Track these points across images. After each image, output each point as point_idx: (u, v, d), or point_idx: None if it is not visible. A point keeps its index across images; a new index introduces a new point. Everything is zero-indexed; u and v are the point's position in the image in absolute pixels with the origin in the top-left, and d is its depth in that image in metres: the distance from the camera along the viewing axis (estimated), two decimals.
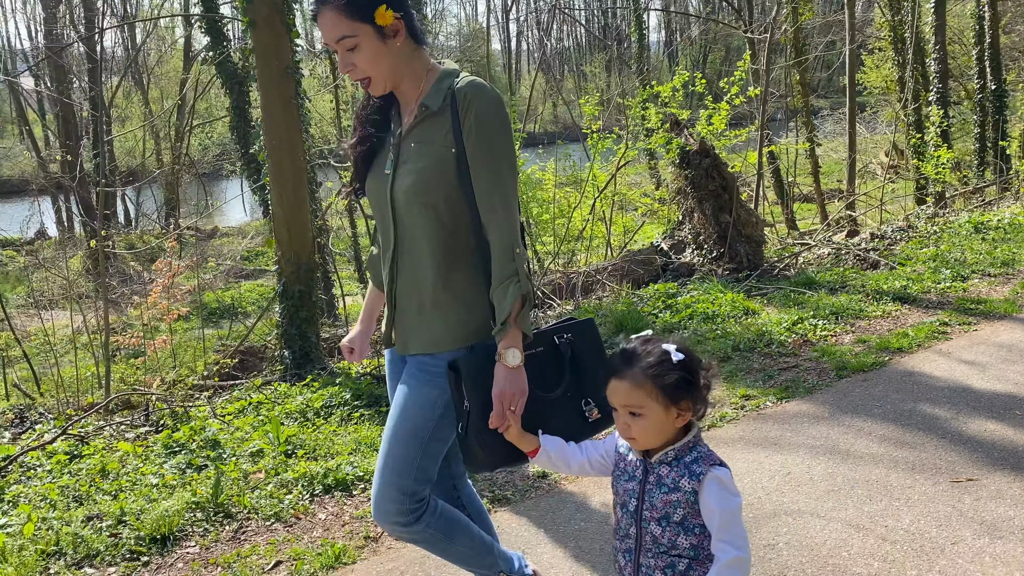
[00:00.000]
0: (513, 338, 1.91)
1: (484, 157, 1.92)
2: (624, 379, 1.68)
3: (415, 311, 2.04)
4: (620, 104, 15.90)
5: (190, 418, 4.88)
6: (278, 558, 3.17)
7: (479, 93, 1.92)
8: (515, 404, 1.91)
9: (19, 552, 3.27)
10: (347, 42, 1.92)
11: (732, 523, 1.63)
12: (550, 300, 7.50)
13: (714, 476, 1.65)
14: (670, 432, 1.69)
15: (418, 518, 2.07)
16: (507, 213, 1.94)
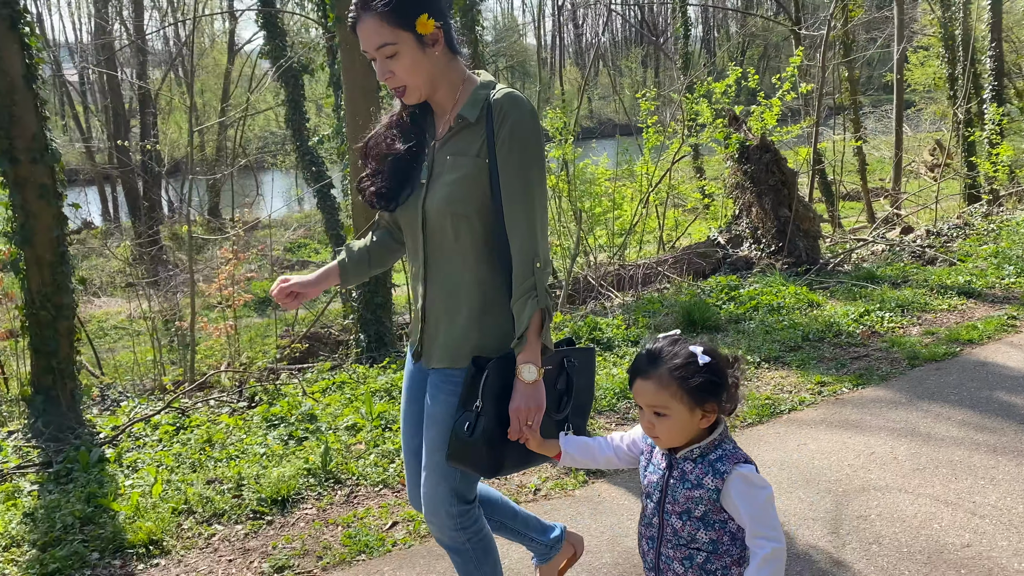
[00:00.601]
0: (531, 353, 1.90)
1: (514, 170, 1.91)
2: (649, 379, 1.68)
3: (443, 323, 2.04)
4: (669, 99, 15.94)
5: (283, 395, 5.14)
6: (393, 519, 3.41)
7: (515, 106, 1.92)
8: (531, 419, 1.92)
9: (153, 509, 3.54)
10: (387, 49, 1.89)
11: (764, 515, 1.64)
12: (607, 292, 7.69)
13: (738, 474, 1.65)
14: (694, 432, 1.69)
15: (464, 527, 2.10)
16: (530, 226, 1.92)
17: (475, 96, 1.97)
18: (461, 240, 1.97)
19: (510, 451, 1.98)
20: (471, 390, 1.96)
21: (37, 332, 4.97)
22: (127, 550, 3.28)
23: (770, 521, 1.64)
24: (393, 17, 1.86)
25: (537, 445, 1.95)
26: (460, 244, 1.97)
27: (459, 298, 2.00)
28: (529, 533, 2.40)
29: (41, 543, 3.35)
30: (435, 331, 2.06)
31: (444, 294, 2.02)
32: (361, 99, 5.85)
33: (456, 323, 2.01)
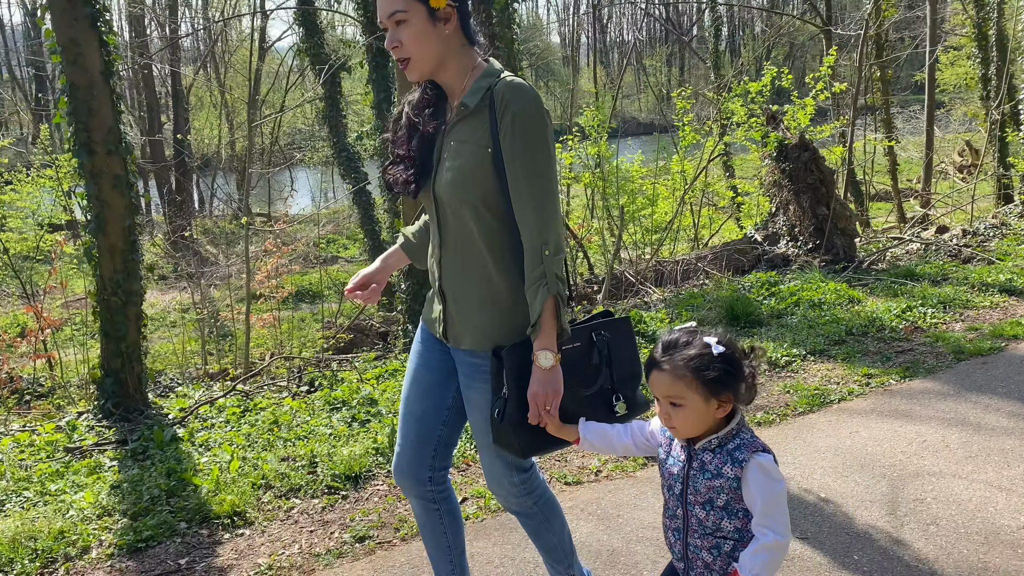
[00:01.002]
0: (546, 339, 1.91)
1: (519, 157, 1.91)
2: (665, 371, 1.69)
3: (463, 305, 2.06)
4: (703, 98, 16.01)
5: (341, 380, 5.33)
6: (462, 495, 3.57)
7: (516, 93, 1.91)
8: (550, 404, 1.94)
9: (233, 483, 3.72)
10: (398, 16, 1.92)
11: (775, 508, 1.65)
12: (646, 288, 7.81)
13: (756, 463, 1.66)
14: (710, 422, 1.70)
15: (529, 492, 2.19)
16: (538, 213, 1.92)
17: (478, 84, 1.97)
18: (471, 225, 1.99)
19: (542, 434, 2.00)
20: (497, 380, 2.01)
21: (108, 317, 5.18)
22: (213, 520, 3.47)
23: (778, 514, 1.65)
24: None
25: (556, 429, 1.97)
26: (471, 229, 1.99)
27: (473, 282, 2.03)
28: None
29: (131, 513, 3.55)
30: (456, 312, 2.07)
31: (458, 276, 2.05)
32: None
33: (473, 306, 2.04)
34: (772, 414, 4.23)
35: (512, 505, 2.24)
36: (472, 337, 2.05)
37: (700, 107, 18.87)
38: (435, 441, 2.25)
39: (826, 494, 3.33)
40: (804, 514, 3.18)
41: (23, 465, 4.24)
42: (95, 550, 3.30)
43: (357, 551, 3.17)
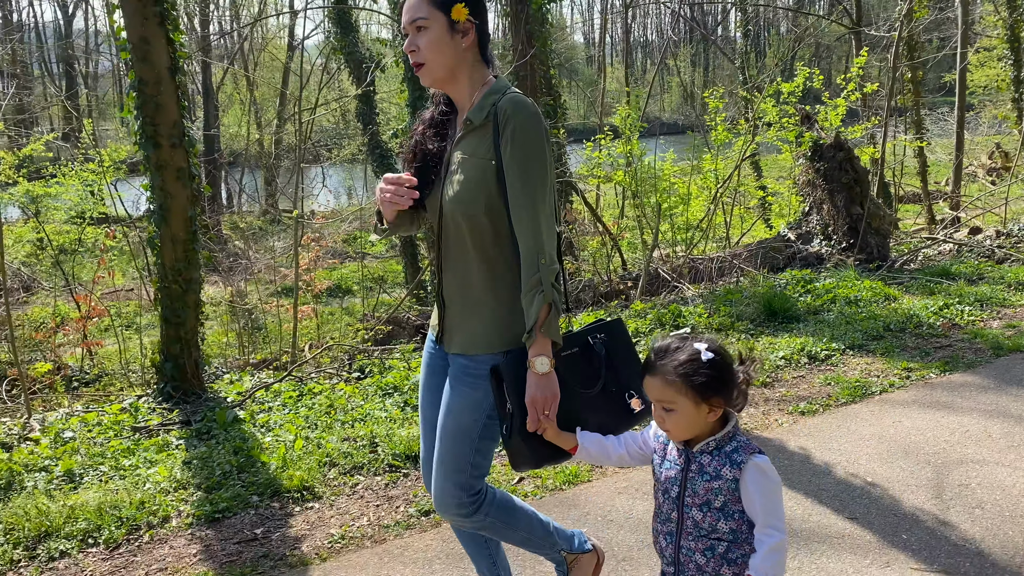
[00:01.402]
0: (541, 346, 1.97)
1: (518, 170, 1.99)
2: (656, 376, 1.75)
3: (458, 310, 2.13)
4: (733, 97, 16.08)
5: (390, 368, 5.51)
6: (519, 475, 3.73)
7: (518, 109, 2.00)
8: (548, 408, 1.98)
9: (300, 461, 3.91)
10: (420, 23, 2.03)
11: (775, 507, 1.71)
12: (681, 284, 7.94)
13: (754, 464, 1.71)
14: (703, 426, 1.75)
15: (477, 509, 2.17)
16: (534, 224, 1.98)
17: (484, 100, 2.06)
18: (471, 236, 2.06)
19: (545, 444, 2.04)
20: (499, 397, 2.05)
21: (168, 304, 5.39)
22: (283, 494, 3.66)
23: (779, 512, 1.72)
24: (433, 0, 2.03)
25: (554, 435, 2.01)
26: (471, 240, 2.06)
27: (471, 289, 2.10)
28: (501, 573, 2.44)
29: (205, 486, 3.75)
30: (452, 317, 2.15)
31: (457, 284, 2.12)
32: None
33: (469, 313, 2.11)
34: (815, 404, 4.36)
35: (466, 525, 2.23)
36: (463, 341, 2.11)
37: (728, 107, 18.94)
38: None
39: (872, 478, 3.46)
40: (852, 496, 3.31)
41: (95, 443, 4.45)
42: (175, 519, 3.50)
43: (424, 523, 3.34)
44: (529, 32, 9.35)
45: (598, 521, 3.24)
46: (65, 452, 4.24)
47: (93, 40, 44.76)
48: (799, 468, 3.59)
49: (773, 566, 1.70)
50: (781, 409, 4.35)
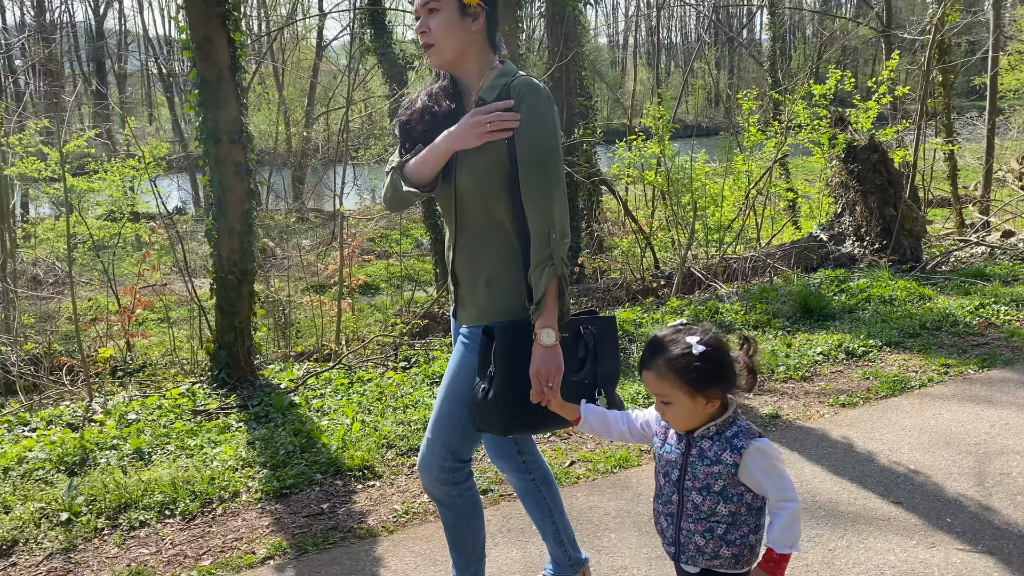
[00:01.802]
0: (548, 318, 2.02)
1: (530, 150, 2.04)
2: (652, 370, 1.77)
3: (471, 287, 2.19)
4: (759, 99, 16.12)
5: (435, 358, 5.68)
6: (570, 459, 3.88)
7: (530, 91, 2.06)
8: (552, 380, 2.02)
9: (359, 442, 4.08)
10: (432, 4, 2.09)
11: (782, 480, 1.75)
12: (714, 283, 8.05)
13: (755, 448, 1.75)
14: (702, 416, 1.77)
15: (454, 482, 2.24)
16: (547, 201, 2.04)
17: (495, 82, 2.11)
18: (485, 213, 2.12)
19: (526, 413, 2.07)
20: (484, 357, 2.10)
21: (223, 294, 5.59)
22: (345, 473, 3.83)
23: (788, 484, 1.75)
24: None
25: (558, 407, 2.04)
26: (485, 217, 2.12)
27: (482, 265, 2.15)
28: (565, 539, 2.54)
29: (270, 464, 3.93)
30: (464, 292, 2.22)
31: (470, 261, 2.18)
32: None
33: (479, 288, 2.16)
34: (855, 397, 4.47)
35: (436, 491, 2.27)
36: (471, 314, 2.19)
37: (757, 109, 18.99)
38: None
39: (915, 466, 3.57)
40: (896, 482, 3.43)
41: (158, 425, 4.66)
42: (244, 494, 3.68)
43: (484, 501, 3.49)
44: (566, 34, 9.51)
45: (643, 506, 3.38)
46: (131, 432, 4.44)
47: (123, 40, 45.51)
48: (842, 456, 3.71)
49: (794, 534, 1.75)
50: (821, 401, 4.47)
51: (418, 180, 2.15)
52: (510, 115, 2.05)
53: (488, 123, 2.04)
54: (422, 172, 2.13)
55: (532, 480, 2.48)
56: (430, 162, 2.12)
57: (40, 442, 4.32)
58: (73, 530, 3.38)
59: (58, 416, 4.93)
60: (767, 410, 4.36)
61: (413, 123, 2.20)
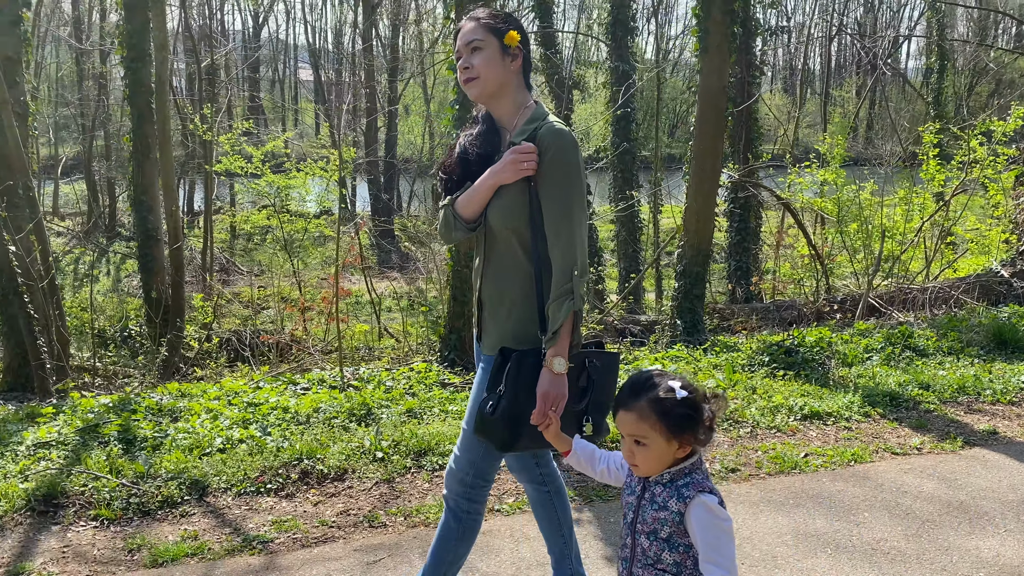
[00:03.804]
0: (561, 348, 2.16)
1: (555, 193, 2.20)
2: (631, 411, 1.78)
3: (492, 313, 2.34)
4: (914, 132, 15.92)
5: (636, 357, 6.21)
6: (804, 452, 4.31)
7: (557, 138, 2.20)
8: (557, 405, 2.15)
9: None
10: (476, 44, 2.26)
11: (718, 543, 1.73)
12: (886, 310, 8.23)
13: (700, 501, 1.74)
14: (670, 461, 1.79)
15: (469, 498, 2.38)
16: (570, 240, 2.18)
17: (526, 127, 2.27)
18: (510, 247, 2.28)
19: (525, 434, 2.20)
20: (497, 376, 2.24)
21: (457, 285, 6.33)
22: (600, 446, 4.40)
23: (723, 550, 1.73)
24: (489, 24, 2.29)
25: (554, 435, 2.12)
26: (509, 251, 2.28)
27: (504, 296, 2.30)
28: (570, 553, 2.65)
29: None
30: (487, 319, 2.37)
31: (494, 290, 2.33)
32: (712, 116, 6.84)
33: (499, 314, 2.32)
34: None
35: (451, 499, 2.42)
36: (491, 341, 2.35)
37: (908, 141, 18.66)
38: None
39: None
40: None
41: (413, 392, 5.38)
42: None
43: (731, 477, 3.99)
44: (749, 61, 9.93)
45: (893, 493, 3.78)
46: (396, 396, 5.17)
47: (280, 48, 48.75)
48: None
49: None
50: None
51: (468, 214, 2.32)
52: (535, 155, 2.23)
53: (523, 161, 2.20)
54: (471, 207, 2.31)
55: (547, 492, 2.60)
56: (477, 197, 2.29)
57: (324, 398, 5.11)
58: (388, 466, 4.08)
59: (320, 381, 5.75)
60: (983, 426, 4.65)
61: (449, 166, 2.39)
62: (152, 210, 10.28)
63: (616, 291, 13.28)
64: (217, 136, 13.67)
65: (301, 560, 3.22)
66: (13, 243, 6.77)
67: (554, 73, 14.76)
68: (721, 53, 6.77)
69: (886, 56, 47.68)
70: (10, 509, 3.56)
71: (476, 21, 2.29)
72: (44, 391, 6.65)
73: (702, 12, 6.76)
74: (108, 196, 26.06)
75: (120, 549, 3.31)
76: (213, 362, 7.34)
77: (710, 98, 6.87)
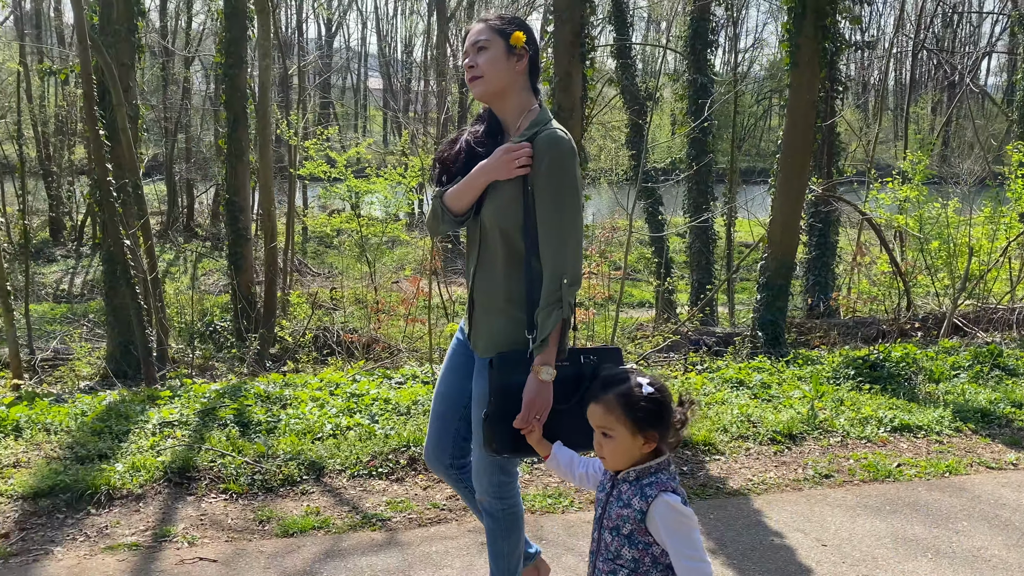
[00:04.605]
0: (548, 356, 2.18)
1: (550, 199, 2.20)
2: (600, 403, 1.85)
3: (484, 312, 2.35)
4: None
5: (726, 364, 6.30)
6: (897, 462, 4.36)
7: (554, 144, 2.20)
8: (540, 413, 2.17)
9: (696, 423, 4.77)
10: (481, 43, 2.28)
11: (686, 539, 1.78)
12: (970, 329, 8.12)
13: (663, 501, 1.78)
14: (636, 455, 1.84)
15: (502, 496, 2.40)
16: (562, 247, 2.18)
17: (527, 131, 2.26)
18: (502, 249, 2.28)
19: (514, 437, 2.21)
20: (489, 385, 2.27)
21: None
22: (692, 446, 4.52)
23: (692, 543, 1.79)
24: (496, 26, 2.30)
25: (535, 441, 2.18)
26: (501, 252, 2.28)
27: (495, 297, 2.31)
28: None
29: None
30: (480, 320, 2.37)
31: (485, 290, 2.34)
32: (800, 129, 6.90)
33: (491, 314, 2.32)
34: None
35: (485, 503, 2.45)
36: (484, 342, 2.34)
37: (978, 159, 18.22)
38: (452, 434, 2.52)
39: None
40: None
41: None
42: None
43: (829, 482, 4.08)
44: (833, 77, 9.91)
45: (991, 505, 3.81)
46: None
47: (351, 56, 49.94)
48: None
49: None
50: None
51: (457, 208, 2.34)
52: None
53: (517, 159, 2.22)
54: (460, 201, 2.33)
55: (467, 488, 2.59)
56: (468, 192, 2.31)
57: (420, 391, 5.34)
58: None
59: (413, 376, 6.00)
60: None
61: (449, 159, 2.39)
62: (243, 211, 10.77)
63: (688, 303, 13.29)
64: (302, 141, 14.17)
65: (420, 537, 3.43)
66: (127, 237, 7.22)
67: (629, 84, 14.92)
68: (812, 68, 6.83)
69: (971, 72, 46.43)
70: (149, 479, 3.87)
71: (484, 23, 2.32)
72: (150, 377, 7.05)
73: (793, 27, 6.83)
74: (187, 196, 27.06)
75: (251, 520, 3.58)
76: (305, 356, 7.67)
77: (799, 112, 6.93)
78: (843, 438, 4.74)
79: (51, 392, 7.01)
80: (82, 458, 4.09)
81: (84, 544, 3.34)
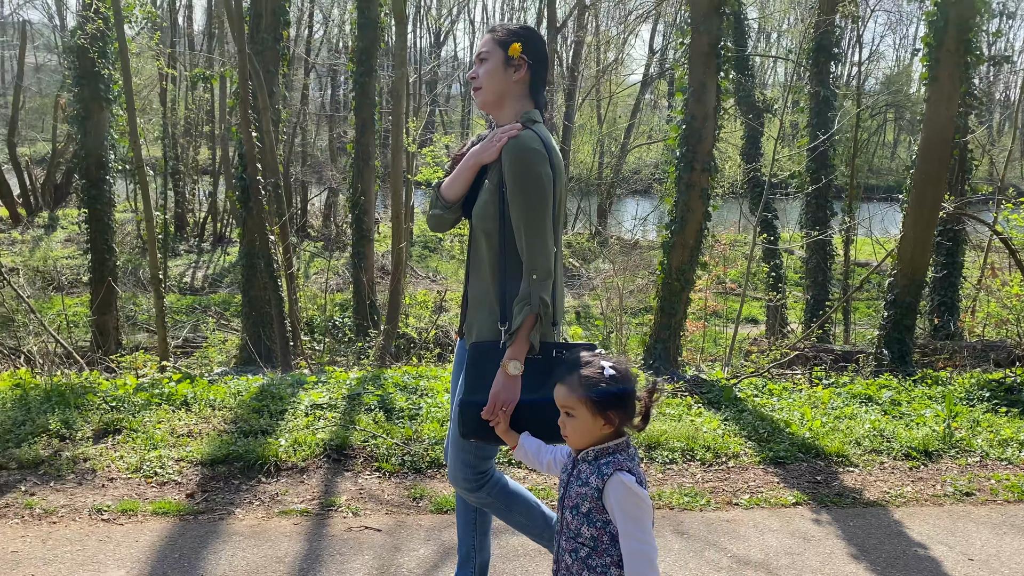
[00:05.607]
0: (517, 351, 2.25)
1: (517, 200, 2.27)
2: (564, 384, 1.93)
3: (474, 307, 2.44)
4: None
5: (851, 380, 6.23)
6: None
7: (512, 147, 2.27)
8: (506, 406, 2.24)
9: (826, 435, 4.77)
10: (483, 55, 2.41)
11: (636, 519, 1.82)
12: None
13: (618, 479, 1.83)
14: (597, 435, 1.90)
15: (480, 486, 2.47)
16: (529, 244, 2.26)
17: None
18: (485, 247, 2.38)
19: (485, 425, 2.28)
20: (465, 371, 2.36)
21: (666, 296, 6.62)
22: (825, 456, 4.54)
23: (640, 524, 1.83)
24: (498, 37, 2.41)
25: (503, 432, 2.26)
26: (486, 252, 2.38)
27: (485, 296, 2.39)
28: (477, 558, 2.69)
29: (754, 438, 4.75)
30: (470, 313, 2.46)
31: (476, 290, 2.43)
32: (938, 145, 6.75)
33: (480, 311, 2.40)
34: None
35: (469, 498, 2.54)
36: (472, 335, 2.43)
37: None
38: None
39: None
40: None
41: None
42: (743, 456, 4.53)
43: (972, 500, 4.03)
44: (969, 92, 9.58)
45: None
46: None
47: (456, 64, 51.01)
48: None
49: (633, 571, 1.83)
50: None
51: (450, 195, 2.45)
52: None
53: (500, 141, 2.32)
54: (451, 187, 2.45)
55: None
56: (458, 178, 2.43)
57: None
58: None
59: None
60: None
61: (459, 158, 2.50)
62: (367, 212, 11.27)
63: (801, 320, 13.04)
64: (420, 148, 14.68)
65: None
66: (272, 234, 7.73)
67: (746, 96, 14.77)
68: (952, 82, 6.68)
69: None
70: (310, 454, 4.20)
71: (491, 34, 2.44)
72: (286, 365, 7.52)
73: (934, 40, 6.70)
74: (300, 198, 28.31)
75: (406, 496, 3.85)
76: (429, 353, 8.00)
77: (937, 127, 6.78)
78: (982, 458, 4.65)
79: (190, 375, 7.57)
80: (246, 432, 4.46)
81: (260, 508, 3.68)
